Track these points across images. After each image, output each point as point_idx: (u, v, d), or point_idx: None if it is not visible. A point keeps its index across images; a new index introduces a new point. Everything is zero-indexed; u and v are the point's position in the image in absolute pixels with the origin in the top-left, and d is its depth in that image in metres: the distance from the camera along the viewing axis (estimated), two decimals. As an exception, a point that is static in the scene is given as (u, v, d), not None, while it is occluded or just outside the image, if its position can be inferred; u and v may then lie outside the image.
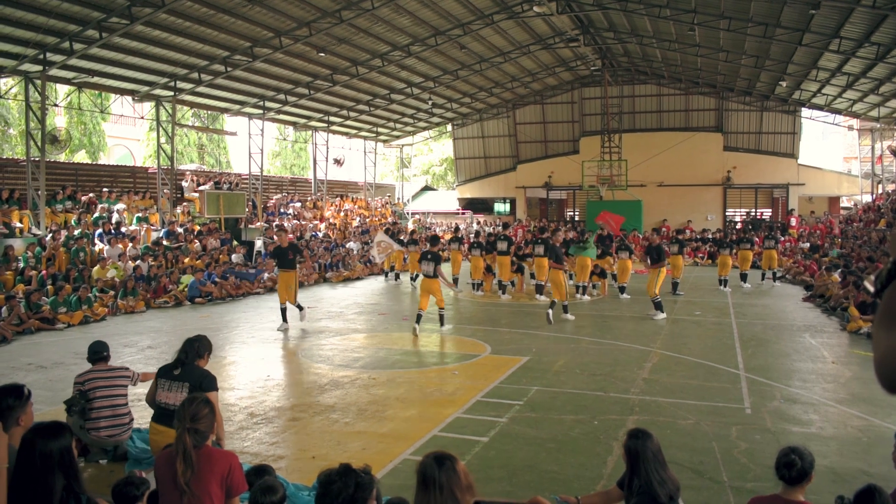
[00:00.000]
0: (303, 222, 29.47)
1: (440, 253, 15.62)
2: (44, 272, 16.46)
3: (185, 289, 18.32)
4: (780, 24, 20.88)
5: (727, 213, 37.08)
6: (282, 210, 30.24)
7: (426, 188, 49.63)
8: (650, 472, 4.16)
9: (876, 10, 17.25)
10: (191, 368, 5.50)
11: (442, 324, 14.09)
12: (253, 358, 11.28)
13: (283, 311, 14.35)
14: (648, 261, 16.35)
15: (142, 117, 27.88)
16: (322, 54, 23.97)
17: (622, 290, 19.13)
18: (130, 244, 20.07)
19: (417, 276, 20.86)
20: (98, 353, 6.87)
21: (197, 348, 5.59)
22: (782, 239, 28.93)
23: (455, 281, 20.27)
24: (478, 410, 8.25)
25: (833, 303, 16.23)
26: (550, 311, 14.74)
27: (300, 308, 14.68)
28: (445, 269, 16.44)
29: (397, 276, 23.69)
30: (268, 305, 17.93)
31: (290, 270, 14.54)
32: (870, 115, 29.69)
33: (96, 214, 20.94)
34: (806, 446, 4.06)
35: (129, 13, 17.19)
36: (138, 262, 18.75)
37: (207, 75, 22.94)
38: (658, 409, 8.32)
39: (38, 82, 19.23)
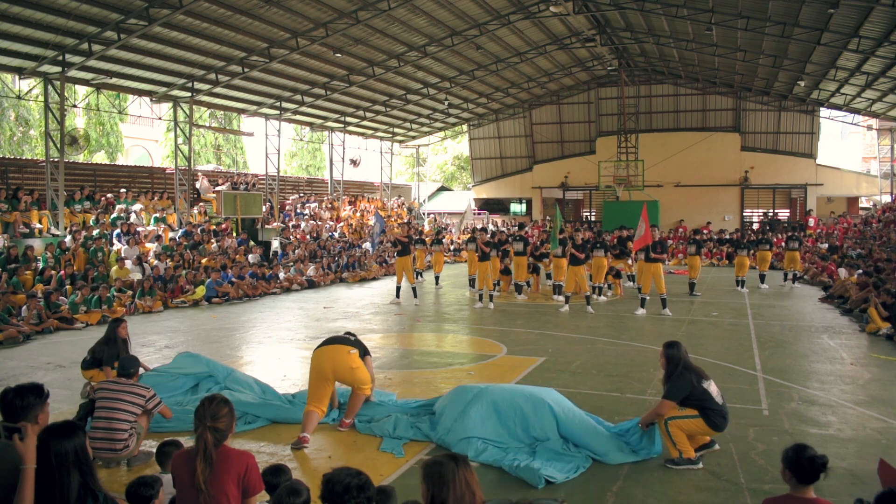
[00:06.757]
0: (319, 223, 29.55)
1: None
2: (62, 272, 16.60)
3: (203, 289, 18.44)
4: (799, 24, 20.70)
5: (745, 214, 36.87)
6: (298, 210, 30.34)
7: (442, 188, 49.66)
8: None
9: (896, 9, 17.10)
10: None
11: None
12: (269, 358, 11.33)
13: (398, 288, 18.43)
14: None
15: (159, 118, 28.08)
16: (338, 55, 24.07)
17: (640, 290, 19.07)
18: (153, 245, 20.22)
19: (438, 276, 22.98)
20: (125, 369, 6.56)
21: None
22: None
23: (472, 282, 20.26)
24: (493, 411, 8.21)
25: (851, 304, 16.08)
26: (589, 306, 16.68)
27: (414, 289, 18.32)
28: (462, 269, 17.29)
29: (419, 275, 23.66)
30: (284, 306, 18.00)
31: (407, 256, 18.53)
32: (889, 115, 29.36)
33: (114, 215, 21.10)
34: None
35: (147, 15, 17.34)
36: (156, 262, 18.87)
37: (224, 76, 23.10)
38: (674, 410, 8.26)
39: (58, 83, 19.44)
